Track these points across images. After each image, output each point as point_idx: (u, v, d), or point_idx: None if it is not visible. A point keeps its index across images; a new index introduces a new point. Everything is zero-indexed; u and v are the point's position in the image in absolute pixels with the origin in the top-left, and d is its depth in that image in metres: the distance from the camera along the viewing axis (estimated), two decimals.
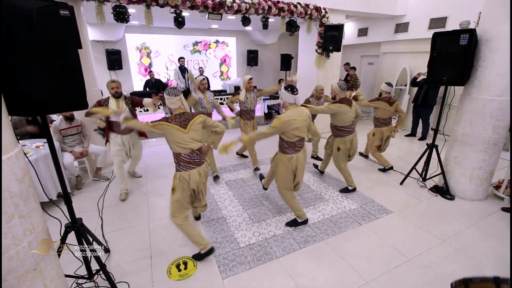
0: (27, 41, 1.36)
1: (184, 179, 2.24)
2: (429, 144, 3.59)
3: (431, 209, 3.21)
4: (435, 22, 5.60)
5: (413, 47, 6.23)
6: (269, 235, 2.73)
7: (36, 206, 1.45)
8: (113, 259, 2.44)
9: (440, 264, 2.35)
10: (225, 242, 2.63)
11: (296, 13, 4.93)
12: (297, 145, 2.58)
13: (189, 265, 2.35)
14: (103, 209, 3.25)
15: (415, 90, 5.80)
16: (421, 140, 5.83)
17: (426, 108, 5.58)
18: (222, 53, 9.02)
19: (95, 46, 7.14)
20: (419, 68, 5.90)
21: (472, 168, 3.29)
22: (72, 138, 3.84)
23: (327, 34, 5.19)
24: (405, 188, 3.69)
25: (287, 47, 9.64)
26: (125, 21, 4.05)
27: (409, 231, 2.79)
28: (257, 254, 2.46)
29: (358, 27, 7.44)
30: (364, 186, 3.74)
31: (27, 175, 1.41)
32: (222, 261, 2.39)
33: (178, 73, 6.80)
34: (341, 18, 5.62)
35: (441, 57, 3.19)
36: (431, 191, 3.59)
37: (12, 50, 1.33)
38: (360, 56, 7.99)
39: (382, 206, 3.24)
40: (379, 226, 2.86)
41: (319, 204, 3.29)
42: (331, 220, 2.96)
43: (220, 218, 3.03)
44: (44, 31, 1.40)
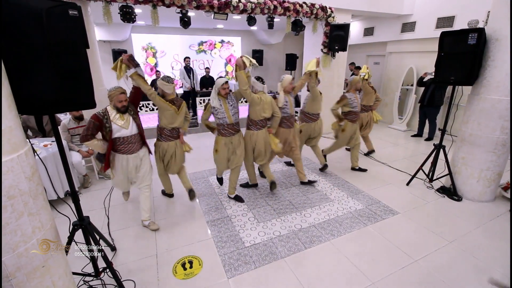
0: (37, 40, 1.37)
1: (163, 148, 2.99)
2: (436, 144, 3.55)
3: (438, 210, 3.18)
4: (442, 21, 5.53)
5: (420, 46, 6.17)
6: (274, 235, 2.73)
7: (45, 204, 1.47)
8: (119, 257, 2.47)
9: (447, 266, 2.32)
10: (230, 242, 2.63)
11: (302, 13, 4.91)
12: (259, 124, 3.19)
13: (195, 264, 2.36)
14: (109, 207, 3.28)
15: (422, 90, 5.75)
16: (427, 141, 5.76)
17: (433, 108, 5.52)
18: (227, 53, 9.04)
19: (102, 46, 7.22)
20: (426, 68, 5.84)
21: (480, 169, 3.24)
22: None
23: (333, 34, 5.16)
24: (412, 189, 3.65)
25: (292, 47, 9.62)
26: (131, 21, 4.08)
27: (416, 232, 2.76)
28: (262, 254, 2.46)
29: (364, 26, 7.39)
30: (369, 187, 3.71)
31: (36, 173, 1.43)
32: (228, 260, 2.39)
33: (184, 73, 6.82)
34: (347, 18, 5.59)
35: (449, 56, 3.15)
36: (438, 192, 3.55)
37: (22, 49, 1.35)
38: (366, 56, 7.93)
39: (388, 206, 3.22)
40: (385, 227, 2.84)
41: (324, 205, 3.28)
42: (337, 221, 2.95)
43: (225, 218, 3.03)
44: (54, 31, 1.41)
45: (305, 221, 2.95)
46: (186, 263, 2.38)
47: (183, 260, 2.41)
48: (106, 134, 2.52)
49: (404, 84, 6.60)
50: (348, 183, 3.82)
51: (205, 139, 6.05)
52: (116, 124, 2.50)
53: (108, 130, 2.49)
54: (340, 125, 4.06)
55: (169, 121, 2.88)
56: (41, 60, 1.42)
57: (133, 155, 2.64)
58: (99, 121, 2.45)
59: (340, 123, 4.05)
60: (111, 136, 2.51)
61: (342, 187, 3.71)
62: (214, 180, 3.96)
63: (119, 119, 2.52)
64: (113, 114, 2.50)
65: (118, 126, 2.51)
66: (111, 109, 2.52)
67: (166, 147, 2.97)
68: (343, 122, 4.03)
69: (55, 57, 1.46)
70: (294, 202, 3.33)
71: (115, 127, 2.50)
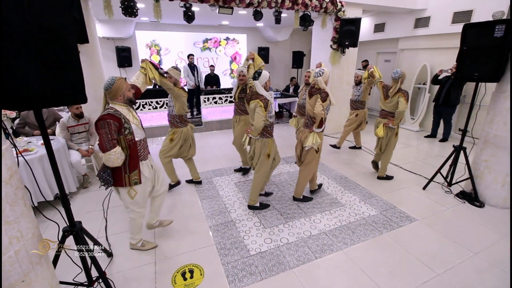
0: (17, 26, 1.22)
1: (183, 133, 3.25)
2: (456, 146, 3.30)
3: (459, 217, 2.94)
4: (459, 15, 5.24)
5: (434, 43, 5.88)
6: (281, 242, 2.53)
7: (26, 211, 1.31)
8: (115, 264, 2.30)
9: (474, 281, 2.09)
10: (234, 249, 2.44)
11: (311, 7, 4.69)
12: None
13: (196, 274, 2.18)
14: (108, 209, 3.12)
15: (436, 89, 5.47)
16: (442, 142, 5.49)
17: (449, 108, 5.24)
18: (232, 50, 8.85)
19: (105, 43, 7.11)
20: (440, 65, 5.55)
21: (505, 173, 2.99)
22: (79, 136, 3.74)
23: (343, 29, 4.93)
24: (429, 193, 3.41)
25: (299, 44, 9.39)
26: (133, 15, 3.92)
27: (437, 242, 2.53)
28: (269, 264, 2.26)
29: (374, 22, 7.12)
30: (384, 191, 3.48)
31: (16, 176, 1.26)
32: (231, 270, 2.20)
33: (188, 70, 6.66)
34: (358, 12, 5.35)
35: (472, 51, 2.90)
36: (458, 197, 3.30)
37: (1, 35, 1.18)
38: (376, 53, 7.66)
39: (405, 213, 2.99)
40: (402, 235, 2.62)
41: (335, 210, 3.06)
42: (349, 228, 2.73)
43: (229, 222, 2.85)
44: (37, 15, 1.25)
45: (314, 228, 2.74)
46: (187, 272, 2.20)
47: (184, 269, 2.23)
48: (124, 138, 1.99)
49: (417, 82, 6.33)
50: (360, 186, 3.60)
51: (209, 138, 5.89)
52: (133, 124, 2.05)
53: (128, 133, 1.99)
54: (391, 127, 3.52)
55: (183, 107, 3.17)
56: (25, 48, 1.26)
57: (149, 158, 2.27)
58: (118, 121, 1.92)
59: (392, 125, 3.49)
60: (134, 139, 2.03)
61: (354, 191, 3.49)
62: (218, 182, 3.78)
63: (133, 118, 2.07)
64: (124, 112, 2.01)
65: (135, 127, 2.06)
66: (120, 107, 2.01)
67: (186, 131, 3.27)
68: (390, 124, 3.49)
69: (40, 46, 1.30)
70: (303, 206, 3.13)
71: (134, 128, 2.05)
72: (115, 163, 1.95)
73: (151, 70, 2.49)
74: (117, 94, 1.98)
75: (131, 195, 2.13)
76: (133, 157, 2.05)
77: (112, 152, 1.90)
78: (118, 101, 2.01)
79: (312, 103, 2.79)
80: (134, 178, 2.08)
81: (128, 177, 2.06)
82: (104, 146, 1.88)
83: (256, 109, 2.58)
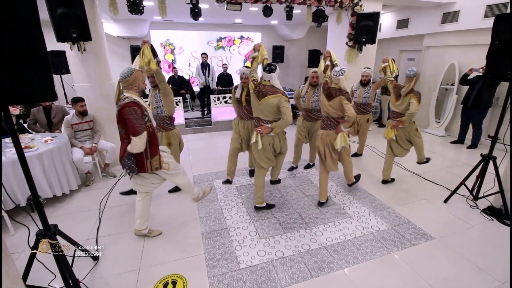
0: None
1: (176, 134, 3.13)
2: (485, 155, 2.90)
3: (485, 237, 2.55)
4: (493, 9, 4.69)
5: (464, 39, 5.34)
6: (276, 255, 2.31)
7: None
8: (99, 269, 2.20)
9: None
10: (223, 260, 2.26)
11: (325, 1, 4.41)
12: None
13: (178, 286, 2.03)
14: (104, 209, 3.08)
15: (465, 90, 4.95)
16: (470, 149, 4.96)
17: (479, 111, 4.71)
18: (246, 49, 8.69)
19: (121, 42, 7.24)
20: (471, 64, 5.01)
21: None
22: (83, 134, 3.75)
23: (360, 24, 4.59)
24: (450, 208, 3.03)
25: (315, 43, 9.04)
26: (139, 13, 3.87)
27: (455, 266, 2.19)
28: (258, 280, 2.05)
29: (397, 18, 6.63)
30: (397, 202, 3.14)
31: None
32: (216, 284, 2.02)
33: (199, 69, 6.59)
34: (377, 7, 4.97)
35: (506, 45, 2.50)
36: (485, 213, 2.89)
37: None
38: (399, 51, 7.15)
39: (420, 229, 2.65)
40: (414, 256, 2.29)
41: (341, 221, 2.79)
42: (354, 243, 2.45)
43: (223, 230, 2.67)
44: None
45: (315, 241, 2.49)
46: (169, 283, 2.05)
47: (166, 280, 2.08)
48: (145, 125, 2.11)
49: (443, 83, 5.79)
50: (371, 196, 3.28)
51: (217, 139, 5.77)
52: (150, 112, 2.20)
53: (147, 120, 2.14)
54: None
55: (173, 106, 3.10)
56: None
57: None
58: (140, 108, 2.05)
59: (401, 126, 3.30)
60: (152, 126, 2.20)
61: (364, 200, 3.18)
62: (219, 184, 3.62)
63: (147, 107, 2.18)
64: (141, 101, 2.13)
65: (151, 115, 2.22)
66: (136, 96, 2.11)
67: (178, 133, 3.19)
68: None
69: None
70: (305, 216, 2.89)
71: (151, 116, 2.21)
72: (141, 148, 2.05)
73: (144, 55, 2.45)
74: (133, 84, 2.10)
75: (166, 168, 2.32)
76: (153, 144, 2.19)
77: (143, 135, 2.03)
78: (133, 91, 2.12)
79: (334, 105, 2.71)
80: (155, 163, 2.22)
81: (150, 162, 2.19)
82: (136, 129, 1.99)
83: (282, 105, 2.52)
